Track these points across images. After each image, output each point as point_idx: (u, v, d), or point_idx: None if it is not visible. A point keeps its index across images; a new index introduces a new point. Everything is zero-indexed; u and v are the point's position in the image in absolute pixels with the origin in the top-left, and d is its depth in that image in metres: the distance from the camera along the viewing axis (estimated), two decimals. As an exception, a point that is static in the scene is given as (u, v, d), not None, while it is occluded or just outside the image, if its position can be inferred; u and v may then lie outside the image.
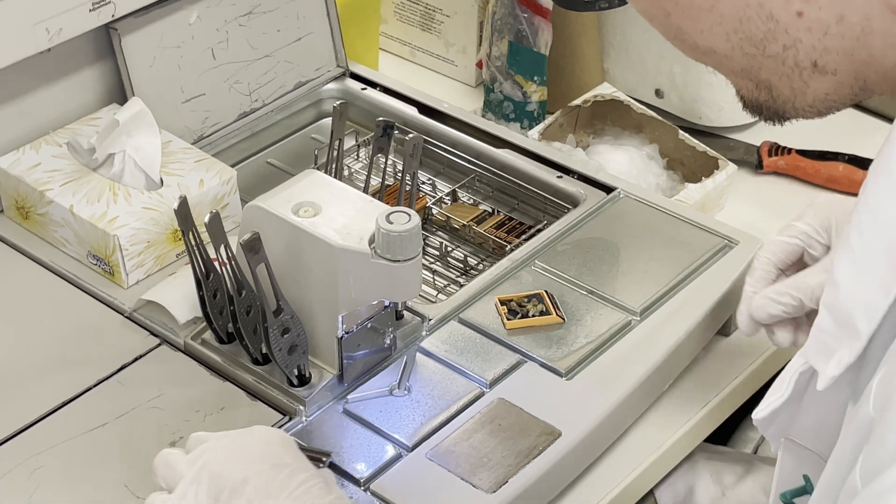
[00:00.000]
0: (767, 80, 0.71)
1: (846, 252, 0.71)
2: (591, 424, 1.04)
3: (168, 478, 0.87)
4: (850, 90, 0.71)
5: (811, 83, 0.70)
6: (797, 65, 0.70)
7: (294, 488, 0.83)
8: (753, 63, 0.71)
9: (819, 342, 0.74)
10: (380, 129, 1.16)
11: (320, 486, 0.84)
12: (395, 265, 0.97)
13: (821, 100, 0.72)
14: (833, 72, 0.70)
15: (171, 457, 0.88)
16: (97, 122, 1.25)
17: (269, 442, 0.86)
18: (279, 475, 0.84)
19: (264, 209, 1.01)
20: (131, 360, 1.07)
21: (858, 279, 0.70)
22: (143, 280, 1.15)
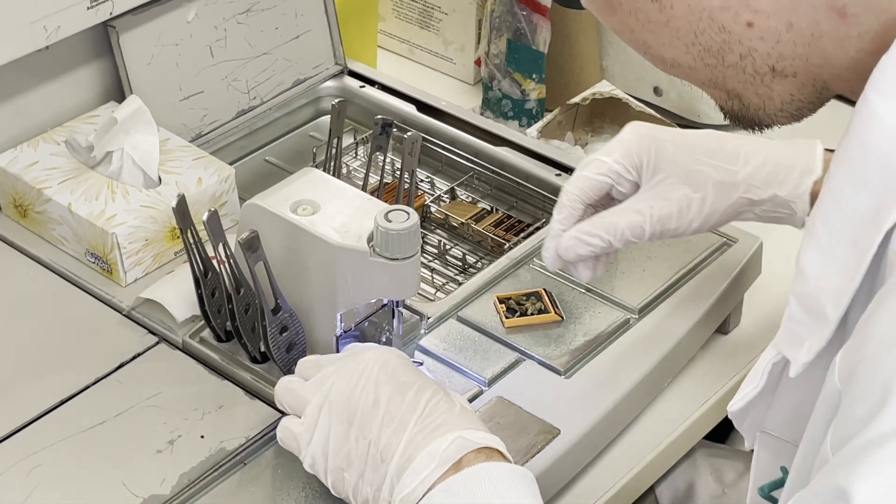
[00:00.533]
0: (734, 89, 0.75)
1: (812, 241, 0.72)
2: (591, 422, 1.04)
3: (293, 404, 0.92)
4: (812, 89, 0.74)
5: (774, 87, 0.73)
6: (756, 72, 0.73)
7: (423, 406, 0.87)
8: (717, 73, 0.74)
9: (790, 332, 0.76)
10: (378, 126, 1.16)
11: (445, 399, 0.88)
12: (393, 263, 0.97)
13: (788, 101, 0.74)
14: (792, 75, 0.73)
15: (292, 383, 0.92)
16: (95, 120, 1.24)
17: (387, 361, 0.90)
18: (407, 394, 0.88)
19: (263, 207, 1.01)
20: (130, 359, 1.07)
21: (825, 267, 0.71)
22: (142, 278, 1.15)
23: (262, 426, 1.01)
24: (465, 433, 0.86)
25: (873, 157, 0.68)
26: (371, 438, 0.87)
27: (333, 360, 0.93)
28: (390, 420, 0.87)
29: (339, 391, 0.89)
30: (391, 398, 0.88)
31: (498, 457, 0.87)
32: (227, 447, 0.99)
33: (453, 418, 0.87)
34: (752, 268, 1.20)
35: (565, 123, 1.45)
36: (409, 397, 0.88)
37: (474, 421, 0.89)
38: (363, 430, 0.88)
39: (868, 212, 0.68)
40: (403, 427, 0.87)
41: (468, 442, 0.86)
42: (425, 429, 0.87)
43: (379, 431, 0.87)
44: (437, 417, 0.87)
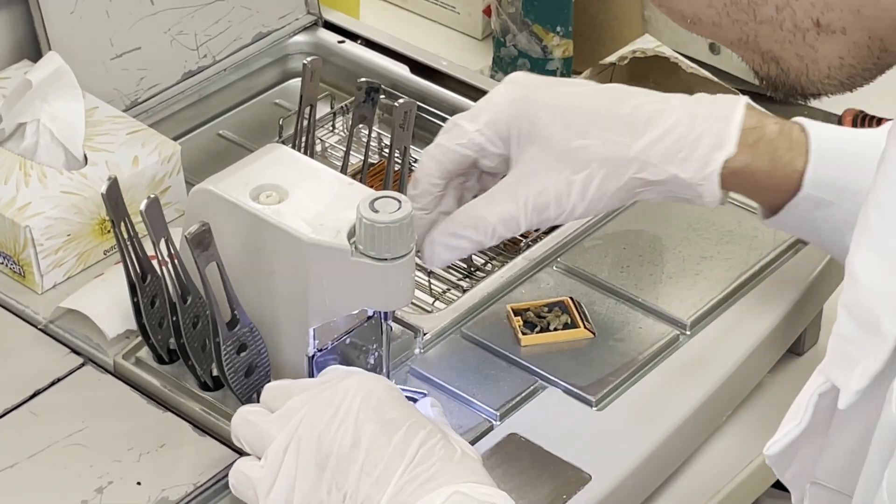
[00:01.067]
0: (770, 50, 0.75)
1: (865, 236, 0.72)
2: (628, 467, 1.04)
3: (253, 441, 0.92)
4: (868, 51, 0.74)
5: (819, 47, 0.74)
6: (797, 27, 0.73)
7: (414, 451, 0.87)
8: (748, 31, 0.75)
9: (839, 352, 0.76)
10: (362, 92, 1.17)
11: (442, 443, 0.88)
12: (380, 265, 0.98)
13: (837, 66, 0.75)
14: (842, 30, 0.73)
15: (253, 415, 0.92)
16: (4, 83, 1.24)
17: (371, 392, 0.90)
18: (394, 436, 0.88)
19: (216, 194, 1.01)
20: (47, 385, 1.07)
21: (881, 269, 0.71)
22: (62, 283, 1.15)
23: (213, 470, 1.01)
24: (465, 487, 0.86)
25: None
26: (347, 490, 0.87)
27: (306, 388, 0.93)
28: (372, 467, 0.87)
29: (311, 428, 0.90)
30: (374, 440, 0.88)
31: None
32: (169, 497, 0.99)
33: (451, 467, 0.87)
34: (833, 272, 1.20)
35: (598, 89, 1.45)
36: (396, 439, 0.88)
37: (477, 471, 0.89)
38: (338, 478, 0.88)
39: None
40: (388, 477, 0.87)
41: (467, 498, 0.86)
42: (415, 479, 0.86)
43: (357, 482, 0.87)
44: (430, 466, 0.87)
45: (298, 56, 1.41)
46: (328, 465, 0.88)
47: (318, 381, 0.95)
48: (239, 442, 0.94)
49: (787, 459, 0.87)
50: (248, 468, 0.92)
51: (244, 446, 0.94)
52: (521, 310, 1.12)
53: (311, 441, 0.89)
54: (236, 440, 0.94)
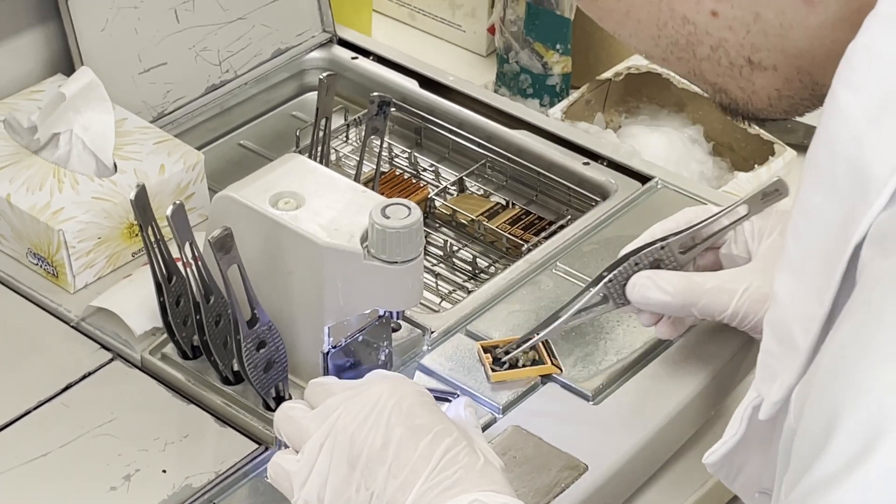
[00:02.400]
0: (716, 82, 0.77)
1: (785, 259, 0.74)
2: (623, 457, 1.04)
3: (292, 436, 0.92)
4: (801, 84, 0.75)
5: (756, 81, 0.76)
6: (732, 64, 0.75)
7: (439, 457, 0.87)
8: (692, 66, 0.77)
9: (764, 366, 0.77)
10: (374, 105, 1.16)
11: (466, 451, 0.88)
12: (391, 268, 0.97)
13: (776, 98, 0.76)
14: (773, 67, 0.75)
15: (294, 411, 0.92)
16: (39, 95, 1.24)
17: (404, 397, 0.90)
18: (421, 441, 0.87)
19: (237, 200, 1.01)
20: (78, 379, 1.07)
21: (796, 289, 0.72)
22: (93, 283, 1.15)
23: (234, 459, 1.01)
24: (484, 496, 0.86)
25: (841, 159, 0.69)
26: (374, 490, 0.87)
27: (346, 388, 0.93)
28: (398, 470, 0.87)
29: (345, 427, 0.89)
30: (402, 443, 0.88)
31: None
32: (193, 484, 0.99)
33: (472, 475, 0.87)
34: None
35: (595, 103, 1.45)
36: (423, 444, 0.88)
37: (498, 481, 0.88)
38: (367, 477, 0.88)
39: (838, 223, 0.69)
40: (413, 481, 0.86)
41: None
42: (437, 486, 0.86)
43: (385, 482, 0.87)
44: (453, 473, 0.87)
45: (314, 71, 1.41)
46: (359, 463, 0.88)
47: (357, 382, 0.94)
48: (279, 435, 0.94)
49: (732, 469, 0.88)
50: (286, 461, 0.91)
51: (284, 439, 0.93)
52: (491, 347, 1.10)
53: (344, 440, 0.89)
54: (277, 433, 0.94)
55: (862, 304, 0.66)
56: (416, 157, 1.36)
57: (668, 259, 1.07)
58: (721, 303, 1.04)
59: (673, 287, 1.05)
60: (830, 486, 0.62)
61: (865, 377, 0.63)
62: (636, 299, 1.06)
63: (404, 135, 1.39)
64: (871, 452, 0.61)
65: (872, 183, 0.66)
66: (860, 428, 0.62)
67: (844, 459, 0.62)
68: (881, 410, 0.61)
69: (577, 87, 1.47)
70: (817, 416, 0.64)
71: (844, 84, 0.69)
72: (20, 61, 1.26)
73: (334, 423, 0.89)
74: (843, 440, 0.62)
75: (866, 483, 0.61)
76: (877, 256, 0.66)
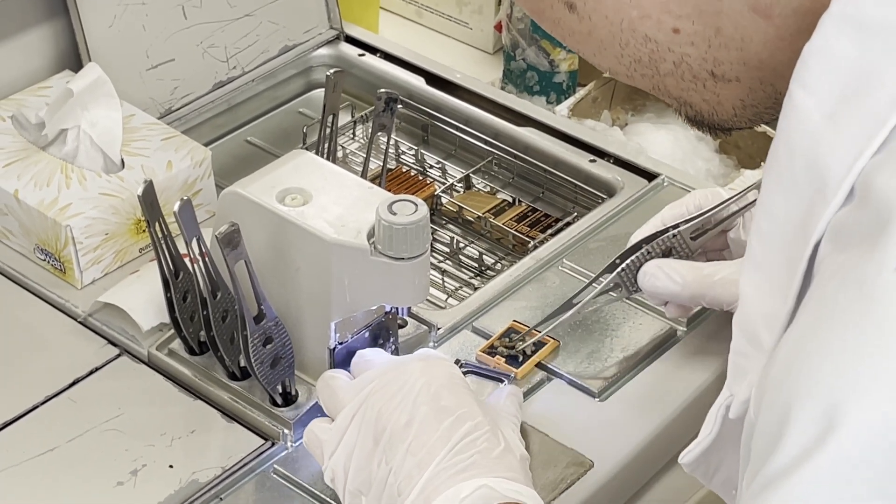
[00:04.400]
0: (680, 96, 0.78)
1: (749, 259, 0.75)
2: (629, 454, 1.04)
3: (329, 404, 0.95)
4: (764, 94, 0.76)
5: (720, 93, 0.76)
6: (696, 77, 0.76)
7: (458, 440, 0.88)
8: (656, 82, 0.78)
9: (734, 365, 0.78)
10: (381, 102, 1.16)
11: (487, 435, 0.89)
12: (398, 264, 0.97)
13: (740, 108, 0.77)
14: (735, 79, 0.75)
15: (335, 380, 0.95)
16: (47, 92, 1.25)
17: (434, 378, 0.91)
18: (444, 421, 0.89)
19: (244, 196, 1.01)
20: (86, 374, 1.07)
21: (760, 287, 0.73)
22: (100, 279, 1.15)
23: (241, 455, 1.01)
24: (494, 482, 0.86)
25: (800, 158, 0.69)
26: (393, 466, 0.88)
27: (385, 363, 0.96)
28: (418, 448, 0.88)
29: (375, 402, 0.91)
30: (424, 423, 0.89)
31: None
32: (199, 479, 0.99)
33: (487, 461, 0.88)
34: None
35: (602, 100, 1.45)
36: (444, 426, 0.89)
37: (514, 468, 0.89)
38: (388, 453, 0.89)
39: (798, 222, 0.70)
40: (429, 460, 0.87)
41: (493, 493, 0.86)
42: (452, 467, 0.87)
43: (403, 460, 0.88)
44: (469, 456, 0.88)
45: (321, 68, 1.41)
46: (382, 439, 0.90)
47: (397, 358, 0.97)
48: (320, 402, 0.97)
49: (709, 469, 0.89)
50: (320, 429, 0.94)
51: (322, 406, 0.96)
52: (490, 349, 1.09)
53: (372, 414, 0.91)
54: (318, 399, 0.98)
55: (816, 298, 0.67)
56: (423, 154, 1.36)
57: (680, 246, 1.08)
58: (730, 294, 1.05)
59: (682, 278, 1.06)
60: (783, 479, 0.62)
61: (817, 371, 0.63)
62: (647, 288, 1.08)
63: (411, 132, 1.39)
64: (822, 445, 0.61)
65: (830, 181, 0.67)
66: (812, 421, 0.62)
67: (796, 452, 0.62)
68: (832, 404, 0.62)
69: (584, 84, 1.46)
70: (772, 411, 0.65)
71: (800, 84, 0.69)
72: (28, 57, 1.27)
73: (366, 398, 0.92)
74: (795, 433, 0.63)
75: (817, 475, 0.61)
76: (832, 252, 0.67)
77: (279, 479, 1.00)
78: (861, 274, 0.64)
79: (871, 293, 0.63)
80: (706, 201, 1.10)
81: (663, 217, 1.10)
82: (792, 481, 0.62)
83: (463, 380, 0.94)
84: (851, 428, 0.61)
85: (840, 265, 0.65)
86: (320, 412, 0.97)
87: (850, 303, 0.64)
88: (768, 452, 0.64)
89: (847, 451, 0.61)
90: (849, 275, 0.64)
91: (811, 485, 0.62)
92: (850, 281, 0.64)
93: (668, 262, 1.07)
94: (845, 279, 0.64)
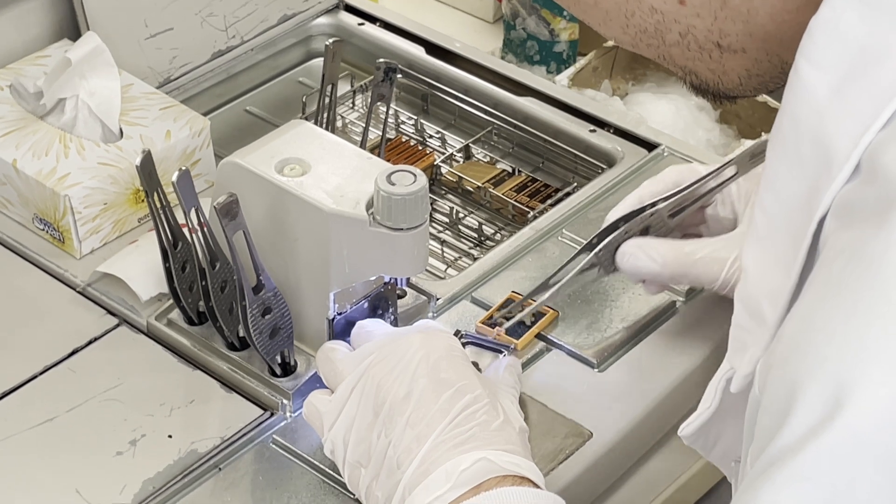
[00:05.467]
0: (685, 65, 0.78)
1: (753, 233, 0.75)
2: (628, 425, 1.04)
3: (329, 376, 0.95)
4: (770, 65, 0.76)
5: (725, 63, 0.77)
6: (701, 48, 0.76)
7: (457, 412, 0.88)
8: (661, 52, 0.78)
9: (736, 340, 0.78)
10: (380, 72, 1.16)
11: (487, 408, 0.89)
12: (397, 234, 0.97)
13: (745, 77, 0.77)
14: (741, 50, 0.76)
15: (334, 352, 0.95)
16: (45, 61, 1.24)
17: (434, 349, 0.91)
18: (443, 394, 0.89)
19: (243, 166, 1.01)
20: (85, 344, 1.07)
21: (764, 261, 0.73)
22: (99, 249, 1.15)
23: (240, 425, 1.01)
24: (494, 454, 0.86)
25: (805, 133, 0.69)
26: (393, 438, 0.89)
27: (385, 334, 0.96)
28: (416, 421, 0.88)
29: (374, 374, 0.91)
30: (423, 395, 0.89)
31: (529, 486, 0.87)
32: (198, 449, 0.99)
33: (486, 434, 0.88)
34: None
35: (602, 70, 1.45)
36: (443, 399, 0.89)
37: (513, 441, 0.89)
38: (387, 425, 0.89)
39: (803, 197, 0.70)
40: (427, 433, 0.88)
41: (493, 465, 0.86)
42: (450, 440, 0.87)
43: (402, 432, 0.88)
44: (468, 429, 0.88)
45: (321, 37, 1.41)
46: (382, 411, 0.90)
47: (397, 330, 0.97)
48: (319, 373, 0.97)
49: (708, 440, 0.89)
50: (319, 401, 0.94)
51: (323, 378, 0.96)
52: (489, 320, 1.09)
53: (372, 386, 0.91)
54: (318, 371, 0.97)
55: (822, 276, 0.66)
56: (423, 124, 1.36)
57: (658, 224, 1.06)
58: (711, 273, 1.04)
59: (662, 258, 1.04)
60: (790, 456, 0.62)
61: (824, 348, 0.63)
62: (626, 268, 1.06)
63: (410, 101, 1.38)
64: (830, 422, 0.61)
65: (835, 156, 0.67)
66: (819, 399, 0.62)
67: (803, 430, 0.62)
68: (839, 382, 0.62)
69: (584, 53, 1.46)
70: (779, 388, 0.65)
71: (807, 58, 0.69)
72: (26, 26, 1.26)
73: (366, 370, 0.92)
74: (802, 411, 0.63)
75: (824, 453, 0.62)
76: (838, 229, 0.67)
77: (278, 449, 1.00)
78: (868, 251, 0.63)
79: (878, 271, 0.63)
80: (683, 178, 1.08)
81: (640, 195, 1.08)
82: (798, 459, 0.62)
83: (462, 352, 0.94)
84: (859, 406, 0.61)
85: (846, 242, 0.65)
86: (319, 382, 0.98)
87: (856, 280, 0.63)
88: (774, 430, 0.63)
89: (855, 429, 0.61)
90: (855, 252, 0.64)
91: (818, 463, 0.62)
92: (857, 258, 0.64)
93: (647, 242, 1.05)
94: (852, 256, 0.64)
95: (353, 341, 0.99)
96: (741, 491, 0.65)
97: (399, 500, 0.87)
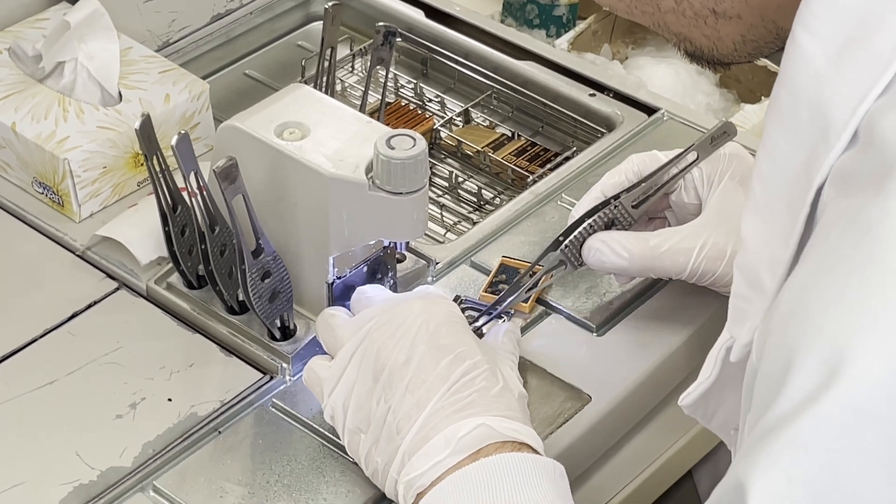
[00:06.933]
0: (680, 32, 0.79)
1: (751, 203, 0.75)
2: (626, 389, 1.04)
3: (329, 342, 0.95)
4: (765, 31, 0.77)
5: (721, 29, 0.77)
6: (697, 15, 0.77)
7: (456, 378, 0.88)
8: (657, 19, 0.78)
9: (735, 309, 0.78)
10: (379, 35, 1.16)
11: (486, 374, 0.89)
12: (396, 199, 0.97)
13: (740, 43, 0.78)
14: (737, 16, 0.76)
15: (334, 319, 0.95)
16: (44, 24, 1.24)
17: (434, 315, 0.91)
18: (442, 360, 0.89)
19: (242, 130, 1.01)
20: (84, 307, 1.07)
21: (763, 233, 0.73)
22: (99, 213, 1.15)
23: (239, 388, 1.01)
24: (493, 420, 0.87)
25: (803, 101, 0.69)
26: (392, 404, 0.89)
27: (385, 300, 0.96)
28: (416, 387, 0.88)
29: (374, 340, 0.91)
30: (423, 361, 0.89)
31: (528, 452, 0.87)
32: (198, 412, 0.99)
33: (486, 400, 0.88)
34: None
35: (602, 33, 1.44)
36: (442, 365, 0.89)
37: (512, 406, 0.89)
38: (387, 391, 0.89)
39: (801, 165, 0.70)
40: (427, 399, 0.88)
41: (492, 431, 0.87)
42: (450, 406, 0.88)
43: (401, 398, 0.89)
44: (467, 395, 0.88)
45: (320, 0, 1.40)
46: (381, 377, 0.90)
47: (397, 295, 0.97)
48: (319, 339, 0.97)
49: (708, 410, 0.90)
50: (319, 367, 0.94)
51: (322, 344, 0.96)
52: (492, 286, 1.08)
53: (371, 352, 0.91)
54: (318, 337, 0.97)
55: (820, 244, 0.67)
56: (422, 88, 1.35)
57: (622, 216, 1.05)
58: (678, 264, 1.03)
59: (628, 252, 1.02)
60: (786, 424, 0.62)
61: (821, 317, 0.64)
62: (592, 263, 1.04)
63: (410, 65, 1.38)
64: (826, 390, 0.62)
65: (833, 125, 0.67)
66: (815, 367, 0.63)
67: (800, 398, 0.63)
68: (836, 350, 0.62)
69: (584, 17, 1.46)
70: (776, 356, 0.65)
71: (804, 27, 0.69)
72: (24, -11, 1.26)
73: (366, 335, 0.92)
74: (799, 379, 0.63)
75: (820, 421, 0.62)
76: (836, 197, 0.67)
77: (278, 412, 1.00)
78: (866, 219, 0.63)
79: (875, 238, 0.63)
80: (645, 167, 1.06)
81: (603, 187, 1.06)
82: (795, 427, 0.62)
83: (462, 318, 0.94)
84: (855, 375, 0.61)
85: (844, 210, 0.65)
86: (318, 346, 0.98)
87: (854, 248, 0.63)
88: (771, 398, 0.64)
89: (851, 397, 0.61)
90: (853, 220, 0.64)
91: (814, 430, 0.62)
92: (855, 226, 0.64)
93: (612, 236, 1.03)
94: (849, 225, 0.64)
95: (352, 307, 0.99)
96: (738, 458, 0.65)
97: (398, 465, 0.87)
